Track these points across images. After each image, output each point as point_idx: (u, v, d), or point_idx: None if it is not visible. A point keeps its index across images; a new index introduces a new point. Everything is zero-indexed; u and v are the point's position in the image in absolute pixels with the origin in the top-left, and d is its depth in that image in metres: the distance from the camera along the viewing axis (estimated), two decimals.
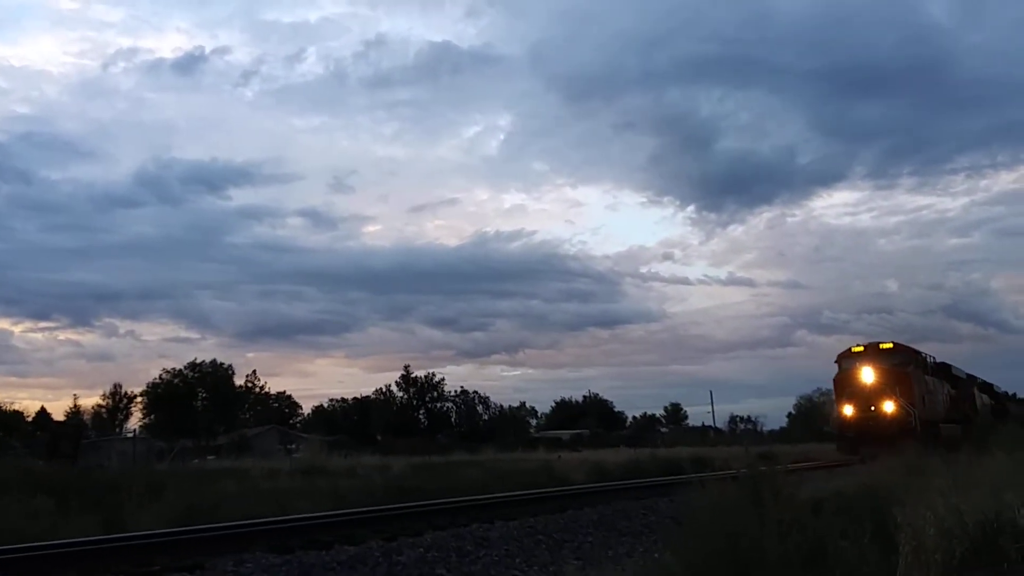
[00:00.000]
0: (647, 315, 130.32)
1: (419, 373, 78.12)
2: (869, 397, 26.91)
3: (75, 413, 71.92)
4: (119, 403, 74.12)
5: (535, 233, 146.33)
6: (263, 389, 72.76)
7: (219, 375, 63.08)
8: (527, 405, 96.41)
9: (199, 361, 63.59)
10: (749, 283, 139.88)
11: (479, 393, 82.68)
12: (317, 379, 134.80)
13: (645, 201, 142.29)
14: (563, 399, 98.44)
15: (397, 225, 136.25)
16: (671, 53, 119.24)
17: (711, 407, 77.03)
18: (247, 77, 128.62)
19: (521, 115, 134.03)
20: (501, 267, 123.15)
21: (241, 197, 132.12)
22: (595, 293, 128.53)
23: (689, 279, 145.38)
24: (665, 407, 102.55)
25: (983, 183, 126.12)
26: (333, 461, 25.87)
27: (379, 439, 63.67)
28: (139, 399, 65.90)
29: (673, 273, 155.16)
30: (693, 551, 5.83)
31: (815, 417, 54.95)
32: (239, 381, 65.79)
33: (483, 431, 71.91)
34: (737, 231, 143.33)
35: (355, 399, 79.50)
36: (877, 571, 5.32)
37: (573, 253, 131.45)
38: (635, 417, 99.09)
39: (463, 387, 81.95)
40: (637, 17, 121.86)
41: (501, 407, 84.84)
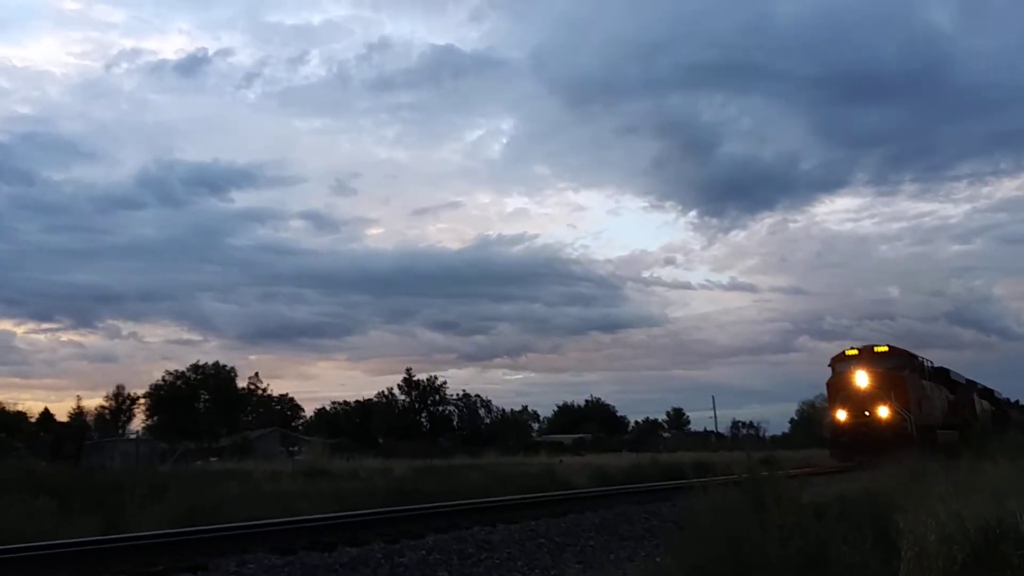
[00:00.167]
0: (649, 320, 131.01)
1: (421, 376, 78.20)
2: (863, 402, 25.90)
3: (78, 414, 72.20)
4: (122, 405, 74.34)
5: (537, 237, 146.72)
6: (265, 391, 73.01)
7: (222, 377, 63.16)
8: (529, 409, 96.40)
9: (202, 363, 63.84)
10: (751, 288, 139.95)
11: (481, 397, 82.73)
12: (319, 382, 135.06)
13: (647, 206, 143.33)
14: (565, 403, 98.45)
15: (399, 228, 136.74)
16: (673, 58, 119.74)
17: (713, 412, 77.15)
18: (250, 79, 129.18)
19: (523, 119, 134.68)
20: (503, 271, 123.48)
21: (243, 199, 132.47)
22: (597, 297, 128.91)
23: (691, 284, 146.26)
24: (667, 412, 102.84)
25: (985, 190, 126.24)
26: (335, 464, 25.89)
27: (381, 442, 63.69)
28: (142, 401, 66.12)
29: (675, 278, 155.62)
30: (694, 555, 5.84)
31: (816, 423, 54.84)
32: (241, 383, 66.11)
33: (485, 435, 71.91)
34: (739, 236, 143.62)
35: (357, 402, 79.52)
36: None
37: (575, 257, 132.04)
38: (637, 422, 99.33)
39: (465, 391, 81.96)
40: (639, 23, 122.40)
41: (503, 411, 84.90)
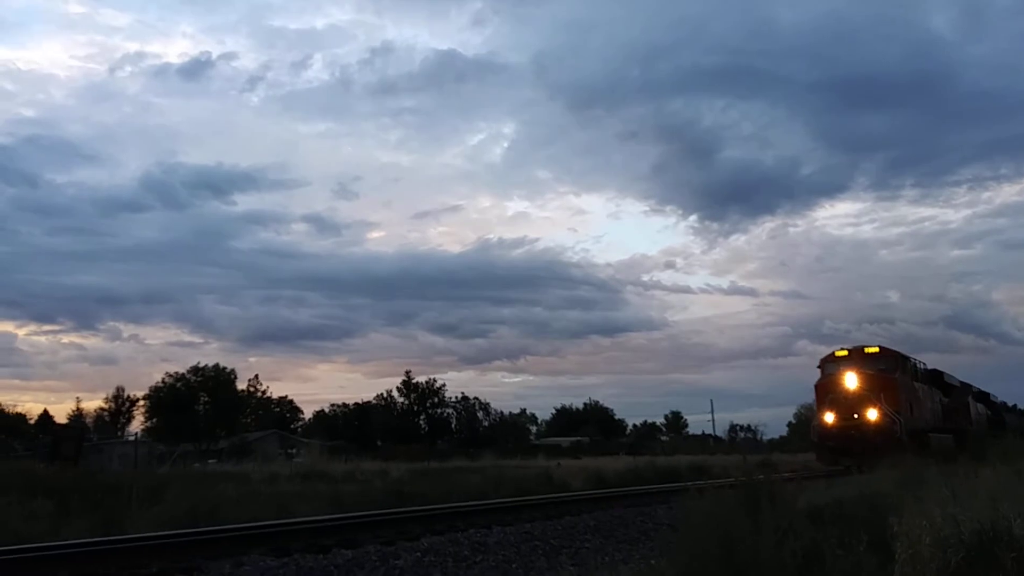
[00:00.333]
0: (649, 323, 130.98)
1: (420, 379, 78.46)
2: (852, 404, 25.00)
3: (78, 416, 72.26)
4: (121, 406, 74.54)
5: (538, 240, 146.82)
6: (265, 393, 73.16)
7: (221, 379, 63.09)
8: (527, 412, 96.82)
9: (202, 365, 63.73)
10: (751, 292, 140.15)
11: (480, 399, 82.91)
12: (318, 384, 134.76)
13: (648, 210, 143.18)
14: (563, 406, 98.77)
15: (401, 231, 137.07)
16: (674, 63, 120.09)
17: (711, 416, 77.22)
18: (253, 83, 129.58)
19: (525, 123, 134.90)
20: (504, 274, 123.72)
21: (246, 202, 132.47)
22: (597, 301, 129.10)
23: (691, 288, 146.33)
24: (665, 415, 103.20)
25: (985, 195, 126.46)
26: (333, 466, 25.99)
27: (379, 444, 63.74)
28: (141, 403, 65.99)
29: (675, 282, 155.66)
30: (688, 557, 5.85)
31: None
32: (241, 385, 66.11)
33: (483, 437, 71.93)
34: (739, 241, 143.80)
35: (356, 404, 79.51)
36: None
37: (575, 261, 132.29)
38: (635, 425, 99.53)
39: (464, 393, 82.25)
40: (641, 27, 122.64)
41: (501, 414, 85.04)
